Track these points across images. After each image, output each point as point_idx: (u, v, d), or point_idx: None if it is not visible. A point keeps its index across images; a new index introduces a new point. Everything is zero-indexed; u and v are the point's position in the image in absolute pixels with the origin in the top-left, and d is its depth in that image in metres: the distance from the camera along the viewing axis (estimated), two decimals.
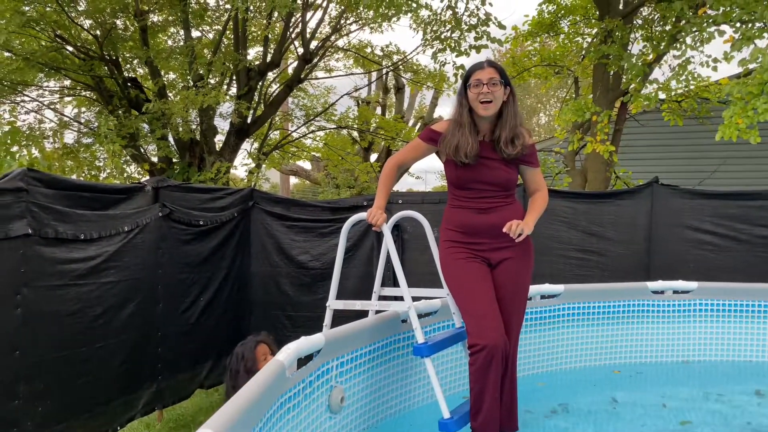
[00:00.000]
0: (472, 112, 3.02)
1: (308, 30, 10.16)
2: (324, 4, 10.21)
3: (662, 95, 8.30)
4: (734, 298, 4.66)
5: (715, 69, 7.40)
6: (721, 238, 5.71)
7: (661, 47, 7.63)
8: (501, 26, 8.35)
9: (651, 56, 7.84)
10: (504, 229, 2.92)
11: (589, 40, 9.89)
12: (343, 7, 10.51)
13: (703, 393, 4.01)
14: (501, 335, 2.90)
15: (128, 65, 10.48)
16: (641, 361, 4.63)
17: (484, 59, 3.11)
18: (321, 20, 10.67)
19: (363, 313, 3.39)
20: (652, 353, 4.66)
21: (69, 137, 11.40)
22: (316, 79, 13.37)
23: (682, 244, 5.75)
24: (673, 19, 7.58)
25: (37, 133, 10.12)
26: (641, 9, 8.82)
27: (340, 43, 12.17)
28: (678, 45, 7.28)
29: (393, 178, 3.22)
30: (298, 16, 9.67)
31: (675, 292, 4.69)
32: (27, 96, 10.54)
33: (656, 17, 9.25)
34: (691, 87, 8.17)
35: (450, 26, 8.53)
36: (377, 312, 3.34)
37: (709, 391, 4.02)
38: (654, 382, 4.31)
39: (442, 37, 8.76)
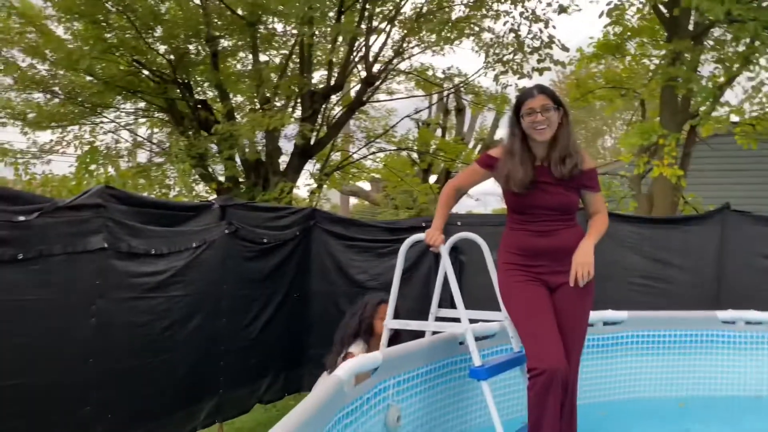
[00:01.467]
0: (526, 140, 3.02)
1: (371, 54, 10.35)
2: (387, 29, 10.39)
3: (735, 118, 8.01)
4: None
5: None
6: None
7: (734, 69, 7.38)
8: (564, 48, 8.29)
9: (722, 78, 7.60)
10: (571, 284, 2.91)
11: (657, 61, 9.66)
12: (405, 32, 10.67)
13: None
14: (561, 359, 2.86)
15: (199, 88, 10.93)
16: (709, 394, 4.43)
17: (533, 86, 3.10)
18: (384, 44, 10.86)
19: (419, 334, 3.41)
20: (722, 386, 4.45)
21: (142, 156, 11.97)
22: (378, 101, 13.57)
23: (756, 273, 5.49)
24: (747, 40, 7.33)
25: (114, 152, 10.66)
26: (712, 30, 8.57)
27: (402, 66, 12.32)
28: (752, 66, 7.03)
29: (451, 201, 3.25)
30: (361, 40, 9.88)
31: (747, 323, 4.48)
32: (105, 117, 11.14)
33: (728, 38, 8.96)
34: (767, 109, 7.86)
35: (513, 49, 8.53)
36: (434, 333, 3.35)
37: None
38: (723, 417, 4.12)
39: (505, 59, 8.76)
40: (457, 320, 3.13)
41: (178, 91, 10.04)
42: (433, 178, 15.01)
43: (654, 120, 8.45)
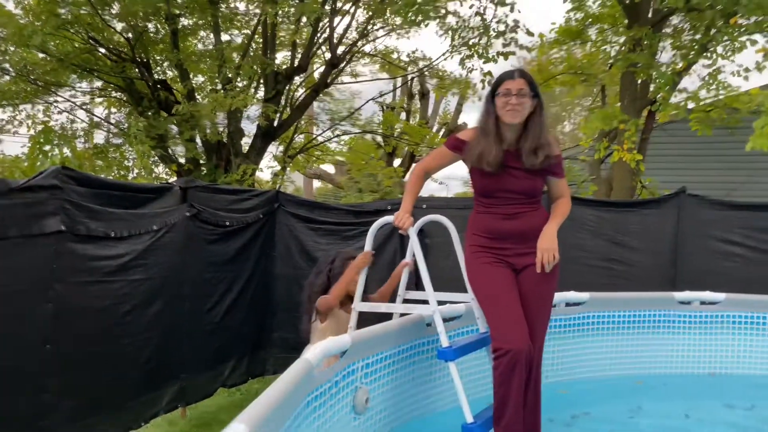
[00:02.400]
0: (498, 121, 3.02)
1: (336, 35, 10.24)
2: (352, 10, 10.28)
3: (691, 104, 8.21)
4: (763, 311, 4.59)
5: (746, 78, 7.31)
6: (750, 250, 5.62)
7: (691, 56, 7.55)
8: (529, 33, 8.34)
9: (681, 65, 7.77)
10: (538, 270, 2.96)
11: (617, 48, 9.82)
12: (370, 13, 10.58)
13: (728, 406, 3.95)
14: (525, 340, 2.90)
15: (158, 68, 10.65)
16: (666, 372, 4.57)
17: (515, 68, 3.11)
18: (348, 26, 10.75)
19: (387, 317, 3.41)
20: (678, 364, 4.60)
21: (99, 137, 11.63)
22: (342, 83, 13.46)
23: (710, 255, 5.67)
24: (704, 29, 7.49)
25: (69, 132, 10.33)
26: (671, 18, 8.74)
27: (367, 48, 12.24)
28: (708, 54, 7.20)
29: (419, 184, 3.25)
30: (325, 21, 9.75)
31: (702, 303, 4.63)
32: (60, 96, 10.78)
33: (686, 26, 9.15)
34: (721, 96, 8.07)
35: (478, 33, 8.55)
36: (402, 315, 3.36)
37: (734, 405, 3.96)
38: (678, 393, 4.26)
39: (470, 43, 8.77)
40: (424, 302, 3.15)
41: (137, 70, 9.76)
42: (397, 162, 15.02)
43: (615, 105, 8.60)
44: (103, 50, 9.78)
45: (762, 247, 5.59)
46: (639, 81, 8.01)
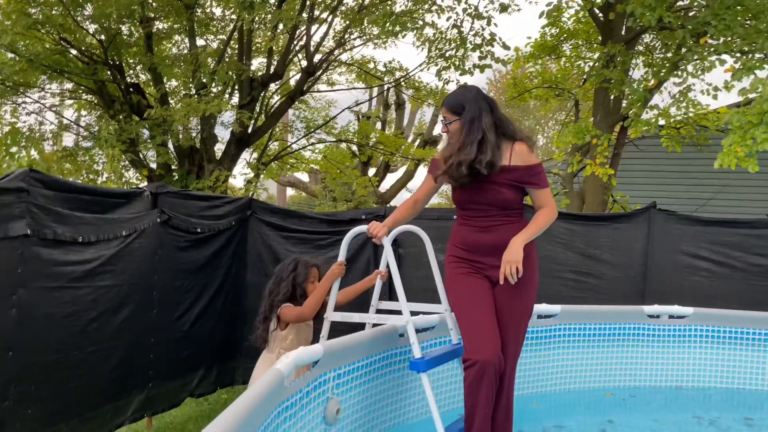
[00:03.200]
0: None
1: (312, 43, 10.22)
2: (329, 19, 10.28)
3: (662, 121, 8.37)
4: (729, 325, 4.67)
5: (715, 97, 7.48)
6: (718, 265, 5.73)
7: (662, 74, 7.71)
8: (505, 47, 8.43)
9: (652, 82, 7.92)
10: (501, 282, 2.94)
11: (591, 64, 9.98)
12: (348, 22, 10.59)
13: (695, 419, 4.00)
14: (495, 352, 2.90)
15: (131, 71, 10.51)
16: (635, 385, 4.63)
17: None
18: (325, 34, 10.75)
19: (359, 327, 3.39)
20: (646, 377, 4.65)
21: (68, 140, 11.41)
22: (318, 92, 13.44)
23: (679, 269, 5.76)
24: (675, 47, 7.66)
25: (37, 135, 10.12)
26: (643, 36, 8.92)
27: (344, 57, 12.26)
28: (679, 72, 7.35)
29: (408, 209, 3.26)
30: (302, 29, 9.74)
31: (671, 316, 4.70)
32: (29, 97, 10.55)
33: (658, 44, 9.35)
34: (691, 114, 8.25)
35: (455, 45, 8.61)
36: (375, 325, 3.34)
37: (700, 417, 4.02)
38: (646, 406, 4.31)
39: (447, 55, 8.83)
40: (397, 312, 3.13)
41: (109, 73, 9.61)
42: (372, 171, 15.03)
43: (588, 120, 8.72)
44: (74, 52, 9.61)
45: (728, 262, 5.70)
46: (612, 97, 8.14)
